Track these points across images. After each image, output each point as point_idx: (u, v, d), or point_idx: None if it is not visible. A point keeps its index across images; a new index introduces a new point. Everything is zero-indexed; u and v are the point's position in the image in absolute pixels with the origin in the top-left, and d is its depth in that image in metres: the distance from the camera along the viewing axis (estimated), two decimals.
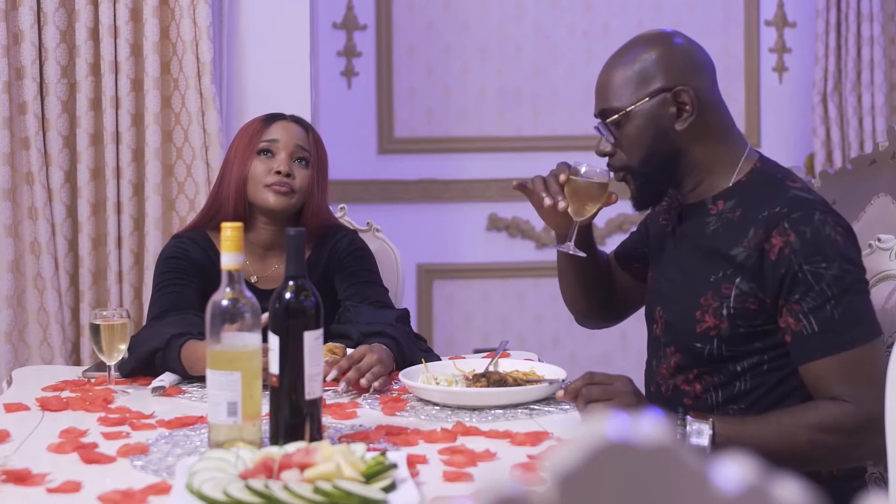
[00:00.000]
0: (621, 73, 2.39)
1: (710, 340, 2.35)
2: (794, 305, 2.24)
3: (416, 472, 1.97)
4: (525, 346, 5.20)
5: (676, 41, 2.42)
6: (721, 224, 2.37)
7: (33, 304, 3.83)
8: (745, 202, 2.35)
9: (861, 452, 2.27)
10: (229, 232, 2.05)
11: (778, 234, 2.24)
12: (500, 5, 5.63)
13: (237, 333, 2.05)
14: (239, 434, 2.03)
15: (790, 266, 2.23)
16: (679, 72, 2.37)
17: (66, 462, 2.08)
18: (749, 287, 2.29)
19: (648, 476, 0.88)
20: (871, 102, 5.58)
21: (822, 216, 2.25)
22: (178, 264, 2.99)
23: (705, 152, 2.39)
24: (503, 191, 5.60)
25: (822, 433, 2.21)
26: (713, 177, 2.40)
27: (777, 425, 2.22)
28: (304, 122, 3.10)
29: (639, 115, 2.37)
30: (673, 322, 2.45)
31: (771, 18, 5.79)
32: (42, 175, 3.79)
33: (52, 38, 3.80)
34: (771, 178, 2.38)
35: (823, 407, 2.22)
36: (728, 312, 2.31)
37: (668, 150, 2.38)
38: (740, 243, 2.31)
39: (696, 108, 2.36)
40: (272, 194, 2.97)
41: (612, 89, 2.40)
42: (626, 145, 2.40)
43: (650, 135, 2.37)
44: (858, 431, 2.20)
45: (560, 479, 0.87)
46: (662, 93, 2.36)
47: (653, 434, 0.88)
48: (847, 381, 2.21)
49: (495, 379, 2.57)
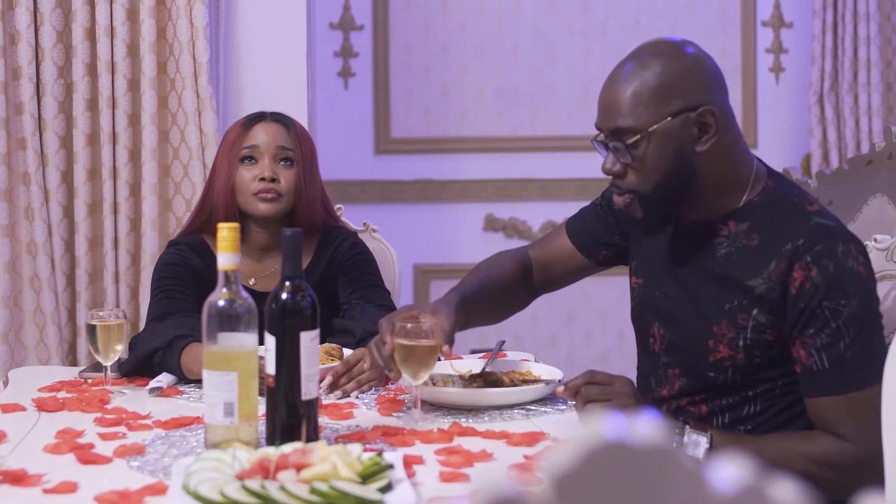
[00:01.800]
0: (634, 89, 2.21)
1: (724, 370, 2.30)
2: (808, 339, 2.19)
3: (412, 473, 1.97)
4: (522, 346, 5.19)
5: (691, 52, 2.28)
6: (735, 250, 2.29)
7: (30, 304, 3.82)
8: (762, 227, 2.27)
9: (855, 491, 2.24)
10: (226, 232, 2.05)
11: (800, 269, 2.18)
12: (498, 5, 5.63)
13: (233, 334, 2.05)
14: (235, 434, 2.03)
15: (810, 301, 2.18)
16: (700, 89, 2.23)
17: (62, 463, 2.08)
18: (767, 319, 2.23)
19: (645, 477, 0.88)
20: (868, 103, 5.58)
21: (845, 247, 2.19)
22: (177, 271, 2.99)
23: (719, 173, 2.27)
24: (500, 191, 5.60)
25: (816, 466, 2.18)
26: (723, 195, 2.30)
27: (774, 448, 2.20)
28: (284, 118, 3.07)
29: (659, 136, 2.20)
30: (681, 346, 2.38)
31: (768, 19, 5.79)
32: (38, 175, 3.78)
33: (49, 39, 3.79)
34: (788, 200, 2.29)
35: (824, 440, 2.20)
36: (745, 343, 2.26)
37: (684, 172, 2.24)
38: (760, 275, 2.24)
39: (719, 128, 2.23)
40: (260, 202, 2.96)
41: (626, 106, 2.21)
42: (641, 167, 2.23)
43: (670, 157, 2.22)
44: (855, 471, 2.18)
45: (556, 479, 0.87)
46: (685, 112, 2.21)
47: (649, 435, 0.88)
48: (850, 421, 2.18)
49: (492, 379, 2.57)
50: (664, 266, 2.43)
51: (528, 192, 5.64)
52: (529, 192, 5.64)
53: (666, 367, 2.42)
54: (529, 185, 5.62)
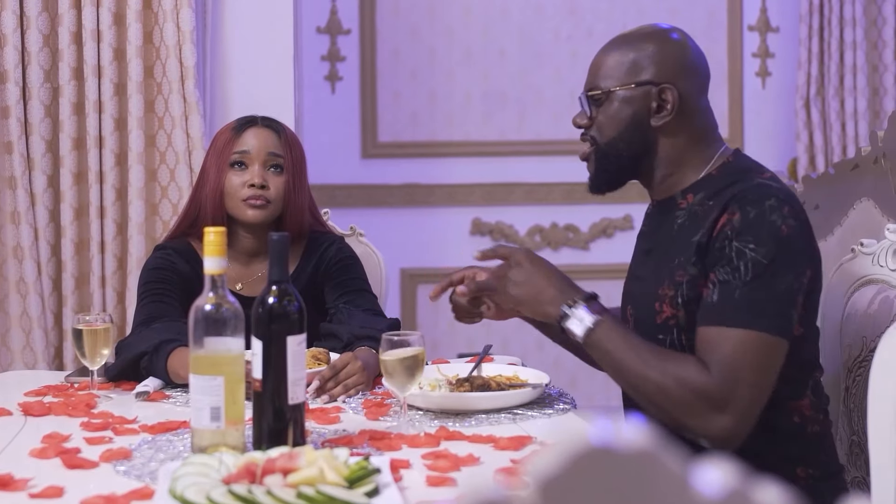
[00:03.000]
0: (616, 57, 2.43)
1: (670, 331, 2.34)
2: (711, 274, 2.25)
3: (399, 477, 1.97)
4: (509, 350, 5.20)
5: (675, 38, 2.45)
6: (689, 216, 2.37)
7: (16, 308, 3.82)
8: (713, 194, 2.35)
9: (693, 423, 2.21)
10: (212, 237, 2.05)
11: (727, 214, 2.25)
12: (485, 10, 5.64)
13: (220, 338, 2.04)
14: (222, 439, 2.03)
15: (724, 242, 2.23)
16: (670, 70, 2.40)
17: (48, 467, 2.07)
18: (697, 270, 2.29)
19: (630, 480, 0.88)
20: (854, 107, 5.60)
21: (777, 204, 2.24)
22: (163, 275, 2.98)
23: (675, 150, 2.41)
24: (487, 195, 5.60)
25: (672, 381, 2.20)
26: (683, 172, 2.42)
27: (644, 354, 2.25)
28: (275, 124, 3.06)
29: (620, 98, 2.41)
30: (639, 317, 2.45)
31: (754, 23, 5.81)
32: (25, 179, 3.78)
33: (35, 42, 3.79)
34: (743, 170, 2.38)
35: (689, 364, 2.22)
36: (682, 300, 2.31)
37: (638, 140, 2.41)
38: (701, 228, 2.31)
39: (676, 110, 2.38)
40: (249, 208, 2.96)
41: (604, 69, 2.43)
42: (600, 122, 2.43)
43: (625, 120, 2.41)
44: (701, 399, 2.18)
45: (543, 483, 0.87)
46: (648, 85, 2.39)
47: (634, 439, 0.88)
48: (717, 355, 2.19)
49: (479, 383, 2.57)
50: (638, 252, 2.55)
51: (516, 196, 5.64)
52: (517, 196, 5.64)
53: None
54: (516, 189, 5.63)
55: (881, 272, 2.55)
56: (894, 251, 2.54)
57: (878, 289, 2.53)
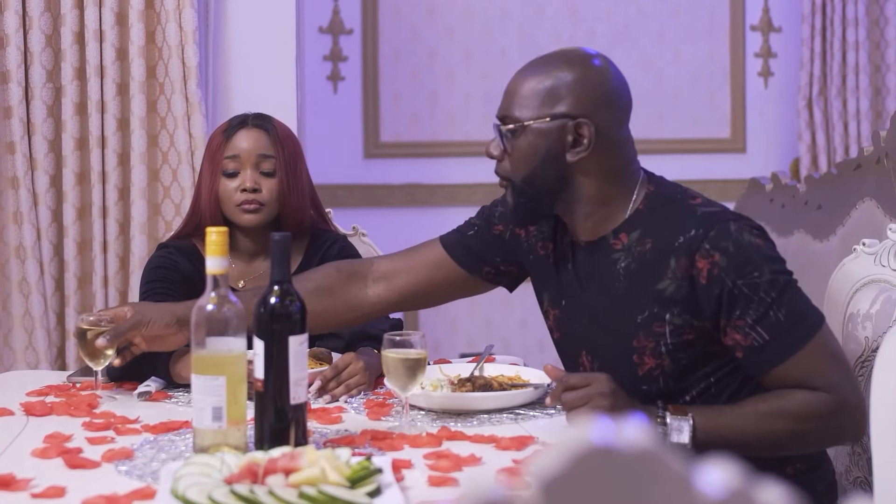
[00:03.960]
0: (531, 84, 2.32)
1: (655, 380, 2.32)
2: (738, 321, 2.21)
3: (401, 477, 1.97)
4: (510, 350, 5.20)
5: (597, 65, 2.33)
6: (632, 259, 2.31)
7: (18, 308, 3.82)
8: (652, 231, 2.30)
9: (842, 435, 2.30)
10: (214, 236, 2.05)
11: (702, 258, 2.21)
12: (486, 10, 5.64)
13: (222, 338, 2.04)
14: (224, 439, 2.03)
15: (724, 285, 2.20)
16: (589, 102, 2.29)
17: (50, 467, 2.07)
18: (683, 319, 2.25)
19: (632, 480, 0.88)
20: (857, 107, 5.59)
21: (737, 225, 2.23)
22: (165, 274, 2.98)
23: (595, 188, 2.32)
24: (489, 195, 5.59)
25: (801, 422, 2.21)
26: (608, 210, 2.34)
27: (756, 416, 2.22)
28: (265, 122, 3.04)
29: (534, 132, 2.31)
30: (608, 368, 2.35)
31: (756, 23, 5.81)
32: (27, 179, 3.78)
33: (38, 43, 3.79)
34: (671, 199, 2.33)
35: (799, 395, 2.22)
36: (667, 349, 2.28)
37: (553, 175, 2.31)
38: (664, 276, 2.26)
39: (593, 146, 2.28)
40: (243, 213, 2.96)
41: (518, 97, 2.33)
42: (514, 157, 2.34)
43: (539, 155, 2.31)
44: (836, 416, 2.22)
45: (544, 483, 0.87)
46: (564, 118, 2.29)
47: (636, 438, 0.88)
48: (814, 375, 2.21)
49: (480, 383, 2.57)
50: (573, 293, 2.45)
51: None
52: None
53: None
54: None
55: (883, 272, 2.54)
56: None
57: (881, 289, 2.53)
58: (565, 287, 2.46)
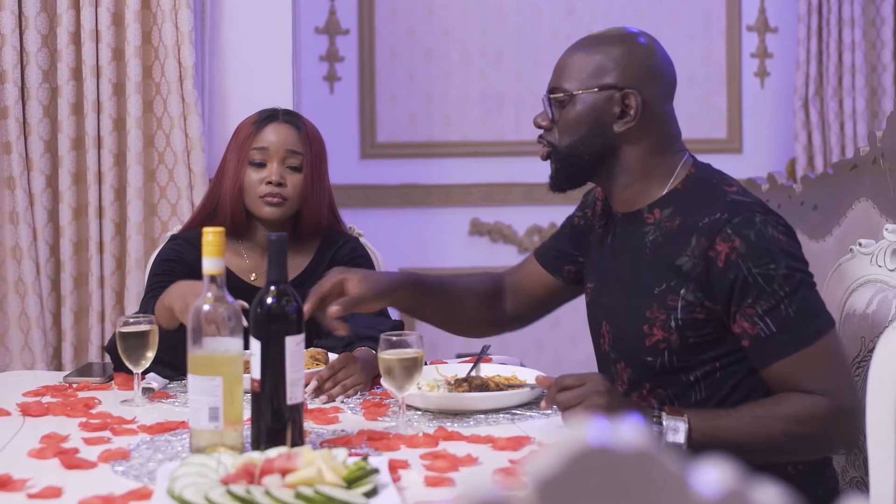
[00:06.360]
0: (581, 58, 2.41)
1: (660, 353, 2.34)
2: (748, 309, 2.23)
3: (397, 477, 1.97)
4: (507, 350, 5.18)
5: (642, 42, 2.43)
6: (660, 233, 2.36)
7: (15, 308, 3.82)
8: (683, 210, 2.35)
9: (836, 442, 2.29)
10: (211, 237, 2.05)
11: (722, 241, 2.24)
12: (482, 10, 5.64)
13: (219, 338, 2.04)
14: (220, 439, 2.03)
15: (739, 271, 2.22)
16: (634, 75, 2.38)
17: (47, 467, 2.07)
18: (696, 297, 2.28)
19: (628, 480, 0.88)
20: (853, 107, 5.60)
21: (763, 217, 2.25)
22: (171, 267, 3.00)
23: (638, 159, 2.39)
24: (485, 195, 5.60)
25: (796, 424, 2.21)
26: (647, 184, 2.41)
27: (751, 418, 2.22)
28: (296, 119, 3.07)
29: (582, 102, 2.39)
30: (621, 337, 2.43)
31: (752, 23, 5.81)
32: (23, 179, 3.78)
33: (34, 43, 3.79)
34: (707, 183, 2.38)
35: (795, 399, 2.22)
36: (676, 324, 2.30)
37: (599, 145, 2.39)
38: (684, 252, 2.29)
39: (639, 116, 2.36)
40: (265, 205, 2.98)
41: (568, 70, 2.41)
42: (561, 125, 2.41)
43: (587, 124, 2.39)
44: (832, 421, 2.22)
45: (541, 483, 0.87)
46: (612, 89, 2.37)
47: (632, 438, 0.88)
48: (813, 375, 2.22)
49: (477, 384, 2.57)
50: (607, 265, 2.51)
51: (513, 197, 5.64)
52: (514, 197, 5.64)
53: (615, 363, 2.46)
54: (514, 189, 5.63)
55: (879, 272, 2.55)
56: (893, 251, 2.54)
57: (877, 289, 2.53)
58: (602, 259, 2.53)
